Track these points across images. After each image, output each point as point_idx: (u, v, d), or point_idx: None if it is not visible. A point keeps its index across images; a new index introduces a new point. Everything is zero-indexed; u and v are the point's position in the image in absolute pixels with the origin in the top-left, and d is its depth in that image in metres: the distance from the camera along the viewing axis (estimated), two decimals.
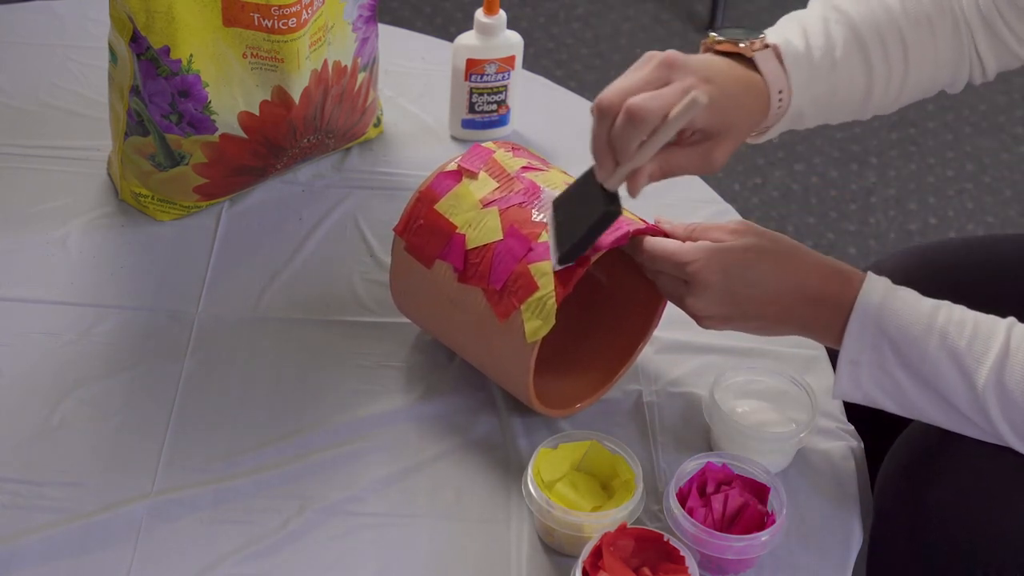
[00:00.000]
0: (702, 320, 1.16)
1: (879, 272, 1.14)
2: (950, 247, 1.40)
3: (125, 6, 1.25)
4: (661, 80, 1.08)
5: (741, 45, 1.14)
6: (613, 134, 1.07)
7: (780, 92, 1.16)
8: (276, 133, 1.36)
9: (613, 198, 1.10)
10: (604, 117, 1.08)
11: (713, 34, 1.15)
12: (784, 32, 1.18)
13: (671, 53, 1.09)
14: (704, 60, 1.12)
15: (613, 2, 2.85)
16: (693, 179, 1.52)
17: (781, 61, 1.15)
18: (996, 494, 1.09)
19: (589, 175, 1.11)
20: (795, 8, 1.31)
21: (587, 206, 1.11)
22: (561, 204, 1.15)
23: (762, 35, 1.15)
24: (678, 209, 1.41)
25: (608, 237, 1.14)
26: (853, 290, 1.10)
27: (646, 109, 1.05)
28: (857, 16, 1.19)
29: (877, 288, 1.10)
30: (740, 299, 1.13)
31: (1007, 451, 1.09)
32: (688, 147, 1.11)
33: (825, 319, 1.11)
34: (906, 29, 1.20)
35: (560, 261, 1.13)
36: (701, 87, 1.07)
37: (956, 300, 1.11)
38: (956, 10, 1.21)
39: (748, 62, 1.14)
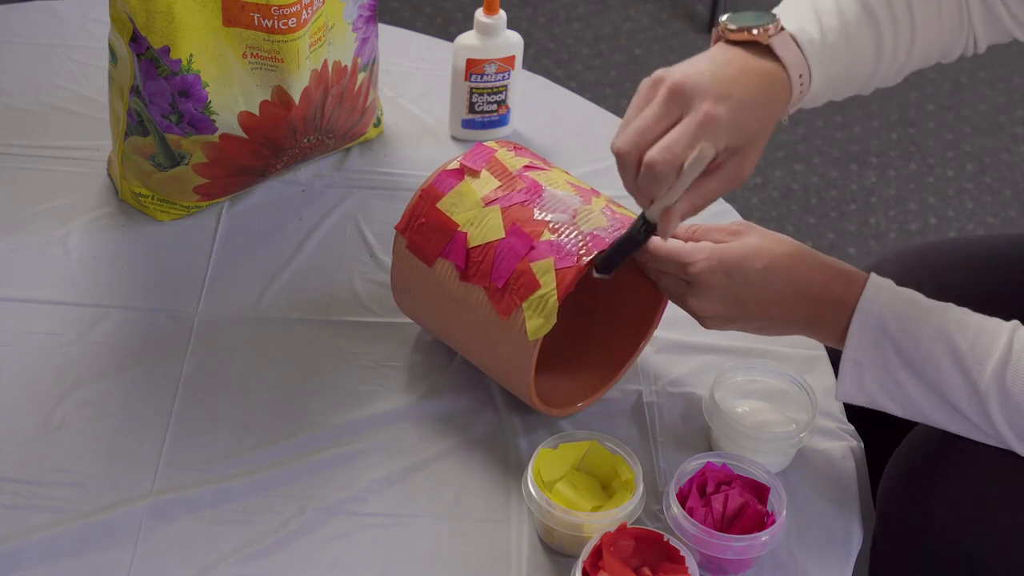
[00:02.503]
0: (704, 320, 1.16)
1: (879, 271, 1.14)
2: (950, 247, 1.40)
3: (125, 6, 1.25)
4: (673, 116, 1.06)
5: (755, 32, 1.10)
6: (639, 184, 1.07)
7: (800, 76, 1.13)
8: (276, 133, 1.36)
9: (651, 226, 1.10)
10: (625, 165, 1.08)
11: (724, 21, 1.12)
12: (798, 17, 1.14)
13: (677, 79, 1.06)
14: (714, 70, 1.08)
15: (613, 2, 2.85)
16: None
17: (798, 45, 1.12)
18: (999, 498, 1.09)
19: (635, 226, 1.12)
20: None
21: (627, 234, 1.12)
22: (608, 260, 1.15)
23: (776, 18, 1.12)
24: None
25: (610, 236, 1.14)
26: (856, 291, 1.10)
27: (663, 163, 1.04)
28: None
29: (880, 289, 1.10)
30: (742, 299, 1.13)
31: (1010, 455, 1.09)
32: (717, 171, 1.09)
33: (828, 319, 1.11)
34: (918, 11, 1.18)
35: (596, 269, 1.14)
36: (715, 112, 1.05)
37: (956, 300, 1.11)
38: None
39: (764, 49, 1.11)
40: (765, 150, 2.63)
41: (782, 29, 1.11)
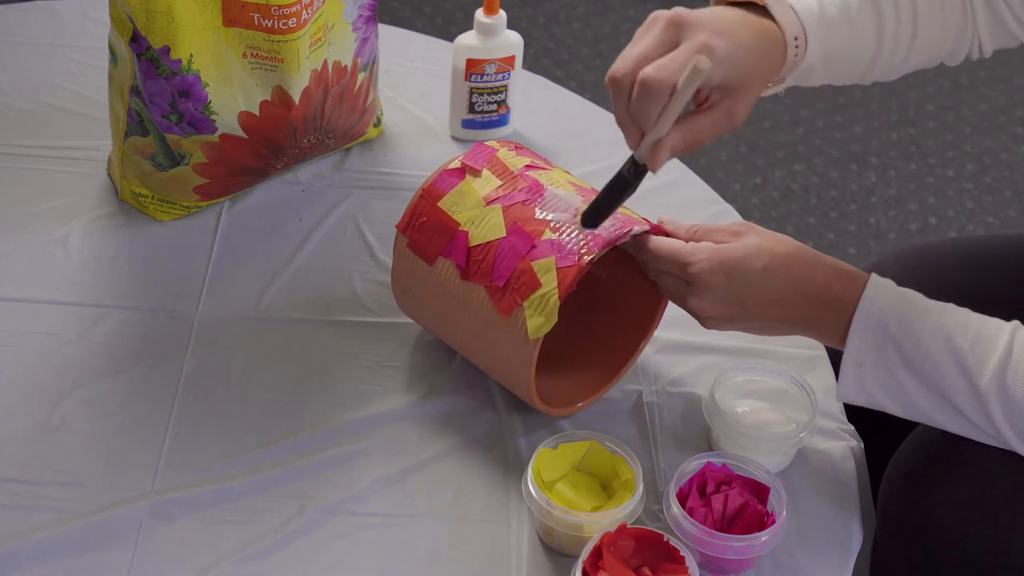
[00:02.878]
0: (705, 320, 1.16)
1: (879, 271, 1.14)
2: (950, 247, 1.40)
3: (125, 6, 1.25)
4: (671, 41, 1.07)
5: None
6: (631, 107, 1.07)
7: (796, 39, 1.14)
8: (276, 133, 1.36)
9: (641, 168, 1.10)
10: (620, 90, 1.08)
11: None
12: None
13: (678, 11, 1.08)
14: (714, 13, 1.10)
15: (613, 2, 2.85)
16: (693, 179, 1.52)
17: (795, 12, 1.14)
18: (1000, 499, 1.09)
19: (624, 171, 1.13)
20: None
21: (616, 175, 1.13)
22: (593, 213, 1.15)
23: None
24: (679, 209, 1.41)
25: (610, 235, 1.14)
26: (857, 291, 1.10)
27: (657, 80, 1.04)
28: None
29: (881, 289, 1.10)
30: (742, 300, 1.13)
31: (1011, 455, 1.09)
32: (709, 110, 1.10)
33: (829, 320, 1.11)
34: (921, 7, 1.19)
35: (582, 222, 1.14)
36: (713, 43, 1.06)
37: (956, 300, 1.11)
38: None
39: (761, 11, 1.12)
40: (765, 150, 2.63)
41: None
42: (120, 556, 1.10)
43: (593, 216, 1.14)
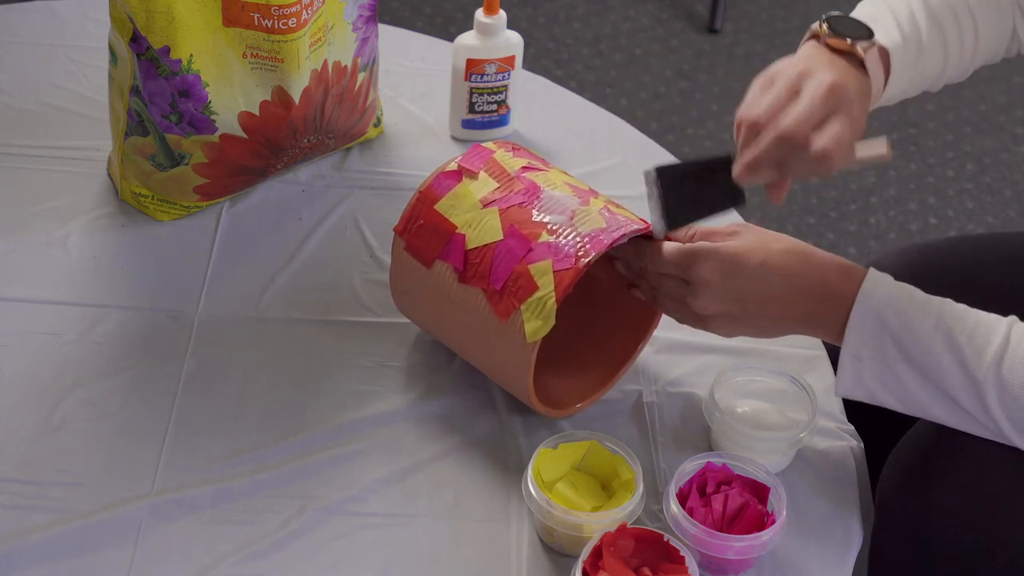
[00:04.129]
0: (706, 321, 1.16)
1: (879, 268, 1.14)
2: (950, 245, 1.40)
3: (125, 6, 1.25)
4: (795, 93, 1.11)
5: (855, 46, 1.14)
6: (794, 163, 1.11)
7: (877, 89, 1.18)
8: (276, 133, 1.36)
9: (741, 196, 1.16)
10: (788, 146, 1.11)
11: (825, 26, 1.16)
12: (887, 29, 1.19)
13: (834, 81, 1.10)
14: (832, 66, 1.13)
15: (613, 2, 2.85)
16: None
17: (885, 62, 1.18)
18: (998, 495, 1.09)
19: (717, 163, 1.15)
20: (798, 8, 1.31)
21: (709, 187, 1.15)
22: (675, 180, 1.16)
23: (873, 35, 1.16)
24: None
25: (607, 238, 1.14)
26: (855, 284, 1.11)
27: (839, 158, 1.09)
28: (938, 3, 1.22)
29: (879, 282, 1.10)
30: (741, 297, 1.13)
31: (1009, 451, 1.09)
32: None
33: (827, 314, 1.12)
34: (975, 4, 1.22)
35: (670, 227, 1.15)
36: (839, 80, 1.11)
37: (956, 297, 1.11)
38: None
39: (855, 59, 1.15)
40: None
41: (874, 45, 1.16)
42: (120, 556, 1.10)
43: (669, 225, 1.16)
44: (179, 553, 1.11)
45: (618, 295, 1.26)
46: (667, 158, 1.55)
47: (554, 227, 1.15)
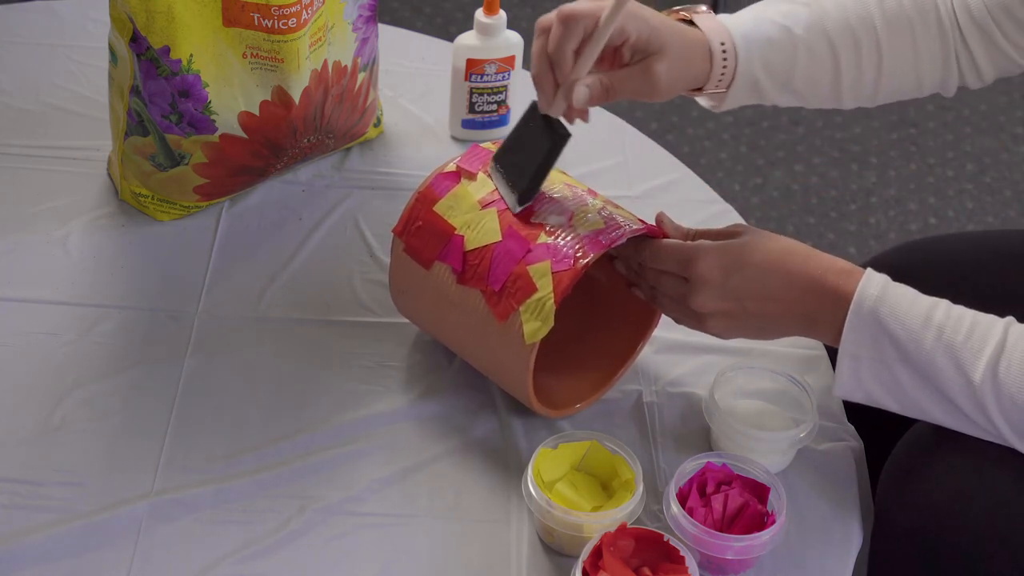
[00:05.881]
0: (705, 320, 1.16)
1: (879, 266, 1.14)
2: (949, 242, 1.40)
3: (125, 6, 1.25)
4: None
5: (677, 9, 1.21)
6: (550, 48, 1.13)
7: (723, 44, 1.21)
8: (276, 133, 1.36)
9: (559, 126, 1.16)
10: (542, 33, 1.14)
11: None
12: (735, 15, 1.25)
13: None
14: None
15: None
16: (693, 179, 1.52)
17: (724, 24, 1.22)
18: (997, 497, 1.09)
19: (527, 119, 1.18)
20: None
21: (534, 144, 1.17)
22: (503, 156, 1.19)
23: (704, 5, 1.23)
24: (678, 209, 1.41)
25: (607, 239, 1.14)
26: (853, 285, 1.11)
27: (578, 11, 1.11)
28: (832, 9, 1.24)
29: (876, 282, 1.10)
30: (740, 296, 1.13)
31: (1007, 452, 1.09)
32: (628, 67, 1.17)
33: (825, 314, 1.12)
34: (882, 31, 1.24)
35: (520, 201, 1.16)
36: (634, 4, 1.14)
37: (955, 295, 1.11)
38: (942, 15, 1.23)
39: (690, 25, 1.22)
40: (765, 150, 2.63)
41: (707, 13, 1.22)
42: (120, 556, 1.10)
43: (526, 195, 1.17)
44: (179, 553, 1.11)
45: (618, 295, 1.26)
46: (667, 158, 1.55)
47: (553, 228, 1.15)
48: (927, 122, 2.62)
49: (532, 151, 1.17)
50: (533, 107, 1.18)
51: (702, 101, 1.31)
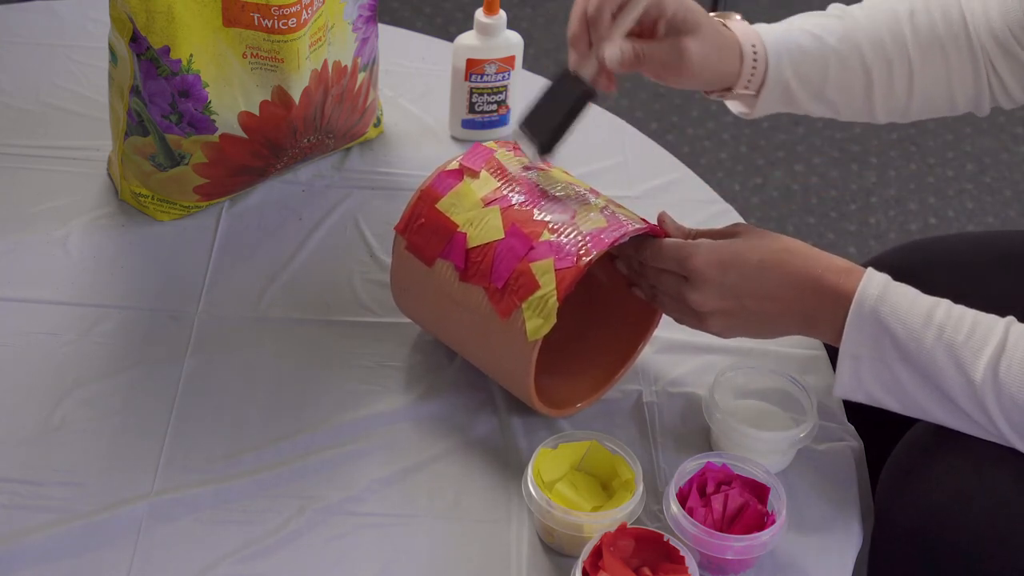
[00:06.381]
0: (704, 319, 1.16)
1: (879, 266, 1.14)
2: (949, 242, 1.40)
3: (125, 6, 1.25)
4: None
5: (712, 15, 1.24)
6: (590, 9, 1.17)
7: (754, 46, 1.24)
8: (276, 133, 1.36)
9: (587, 84, 1.19)
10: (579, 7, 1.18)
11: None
12: (788, 27, 1.27)
13: None
14: None
15: None
16: (693, 179, 1.52)
17: (760, 45, 1.25)
18: (997, 496, 1.09)
19: (556, 84, 1.20)
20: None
21: (560, 101, 1.20)
22: (529, 119, 1.21)
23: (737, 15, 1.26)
24: (678, 209, 1.41)
25: (609, 237, 1.14)
26: (853, 284, 1.11)
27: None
28: (865, 23, 1.25)
29: (876, 281, 1.10)
30: (739, 294, 1.13)
31: (1007, 452, 1.09)
32: (659, 40, 1.20)
33: (825, 313, 1.12)
34: (914, 50, 1.25)
35: (541, 151, 1.19)
36: None
37: (955, 295, 1.11)
38: (972, 37, 1.24)
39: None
40: (765, 150, 2.63)
41: (741, 21, 1.25)
42: (120, 556, 1.10)
43: (547, 146, 1.20)
44: (179, 553, 1.11)
45: (618, 295, 1.26)
46: (667, 158, 1.55)
47: (555, 226, 1.15)
48: (927, 122, 2.62)
49: (558, 106, 1.19)
50: (563, 74, 1.21)
51: (735, 108, 1.32)
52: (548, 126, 1.19)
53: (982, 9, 1.25)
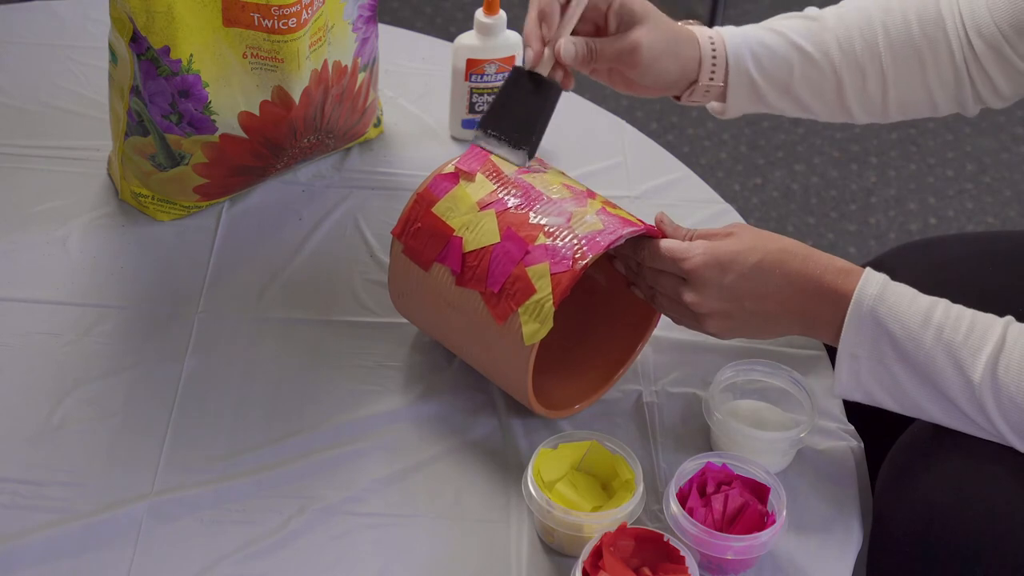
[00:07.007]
0: (703, 319, 1.16)
1: (879, 267, 1.14)
2: (949, 242, 1.40)
3: (125, 6, 1.25)
4: None
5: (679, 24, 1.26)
6: (540, 5, 1.19)
7: (711, 38, 1.25)
8: (276, 133, 1.36)
9: (549, 80, 1.21)
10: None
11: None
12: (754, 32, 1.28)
13: None
14: None
15: None
16: (693, 179, 1.52)
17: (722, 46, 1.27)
18: (996, 496, 1.09)
19: (511, 85, 1.21)
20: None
21: (527, 102, 1.20)
22: (492, 123, 1.21)
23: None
24: (678, 209, 1.41)
25: (606, 240, 1.14)
26: (852, 284, 1.11)
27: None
28: (835, 26, 1.26)
29: (875, 281, 1.11)
30: (738, 295, 1.13)
31: (1006, 452, 1.09)
32: (611, 36, 1.23)
33: (824, 314, 1.12)
34: (887, 59, 1.25)
35: (530, 155, 1.20)
36: None
37: (955, 295, 1.11)
38: (951, 39, 1.23)
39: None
40: (765, 150, 2.62)
41: (695, 22, 1.28)
42: (120, 556, 1.10)
43: (533, 149, 1.20)
44: (179, 553, 1.11)
45: (617, 296, 1.26)
46: (667, 158, 1.55)
47: (551, 229, 1.15)
48: (927, 122, 2.62)
49: (527, 108, 1.20)
50: (516, 73, 1.22)
51: (710, 106, 1.32)
52: (528, 130, 1.20)
53: (969, 8, 1.24)
